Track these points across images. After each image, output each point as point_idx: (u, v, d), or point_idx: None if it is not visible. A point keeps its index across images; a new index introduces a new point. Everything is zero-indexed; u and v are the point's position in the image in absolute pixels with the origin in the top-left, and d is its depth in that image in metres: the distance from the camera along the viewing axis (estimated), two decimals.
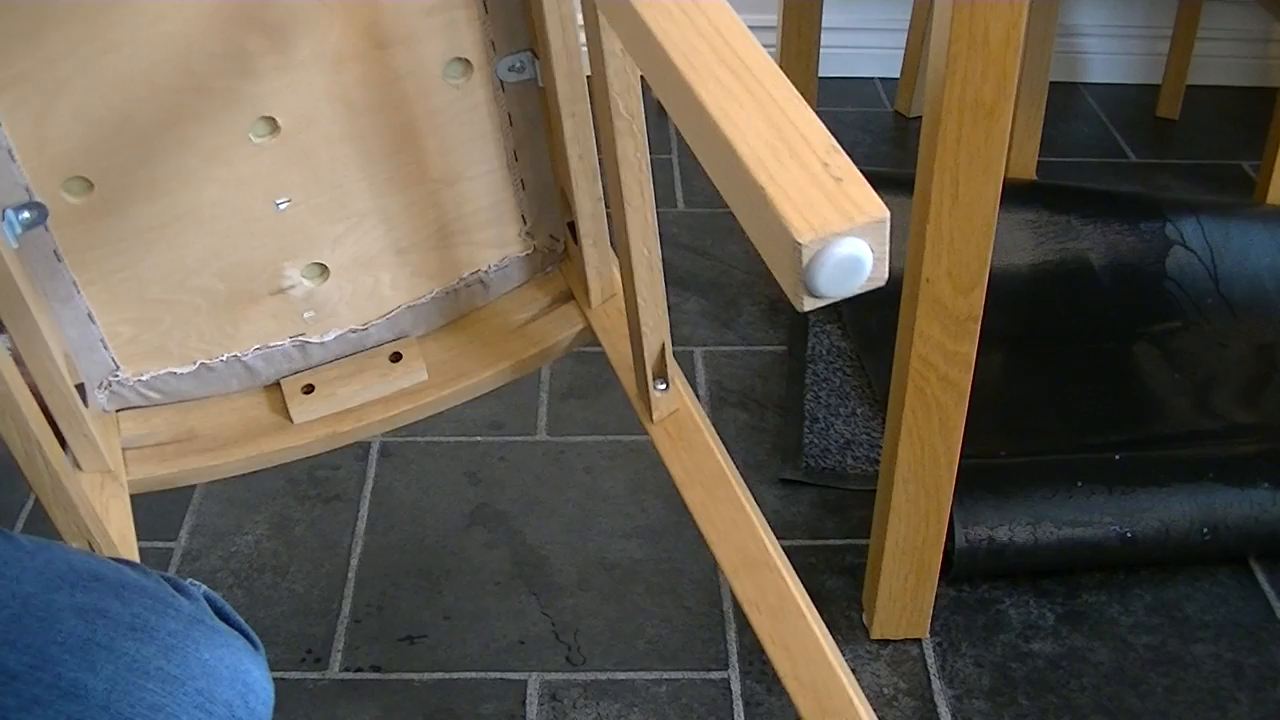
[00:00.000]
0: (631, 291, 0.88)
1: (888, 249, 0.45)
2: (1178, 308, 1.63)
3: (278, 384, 0.98)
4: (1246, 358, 1.57)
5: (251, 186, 0.88)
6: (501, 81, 0.93)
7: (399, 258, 0.96)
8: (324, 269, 0.94)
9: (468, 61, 0.91)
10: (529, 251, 1.02)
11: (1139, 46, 2.26)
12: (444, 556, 1.32)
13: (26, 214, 0.80)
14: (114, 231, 0.86)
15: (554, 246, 1.03)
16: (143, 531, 0.91)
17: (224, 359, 0.95)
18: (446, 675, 1.19)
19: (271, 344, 0.96)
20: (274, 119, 0.86)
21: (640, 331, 0.89)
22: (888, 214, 0.44)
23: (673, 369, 0.93)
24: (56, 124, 0.80)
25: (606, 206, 0.95)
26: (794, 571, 0.84)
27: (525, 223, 1.00)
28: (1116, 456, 1.32)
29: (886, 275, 0.45)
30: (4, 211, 0.80)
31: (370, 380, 0.97)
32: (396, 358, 0.99)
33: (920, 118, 0.98)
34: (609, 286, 1.01)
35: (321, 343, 0.97)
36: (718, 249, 1.81)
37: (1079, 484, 1.28)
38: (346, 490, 1.40)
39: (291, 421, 0.96)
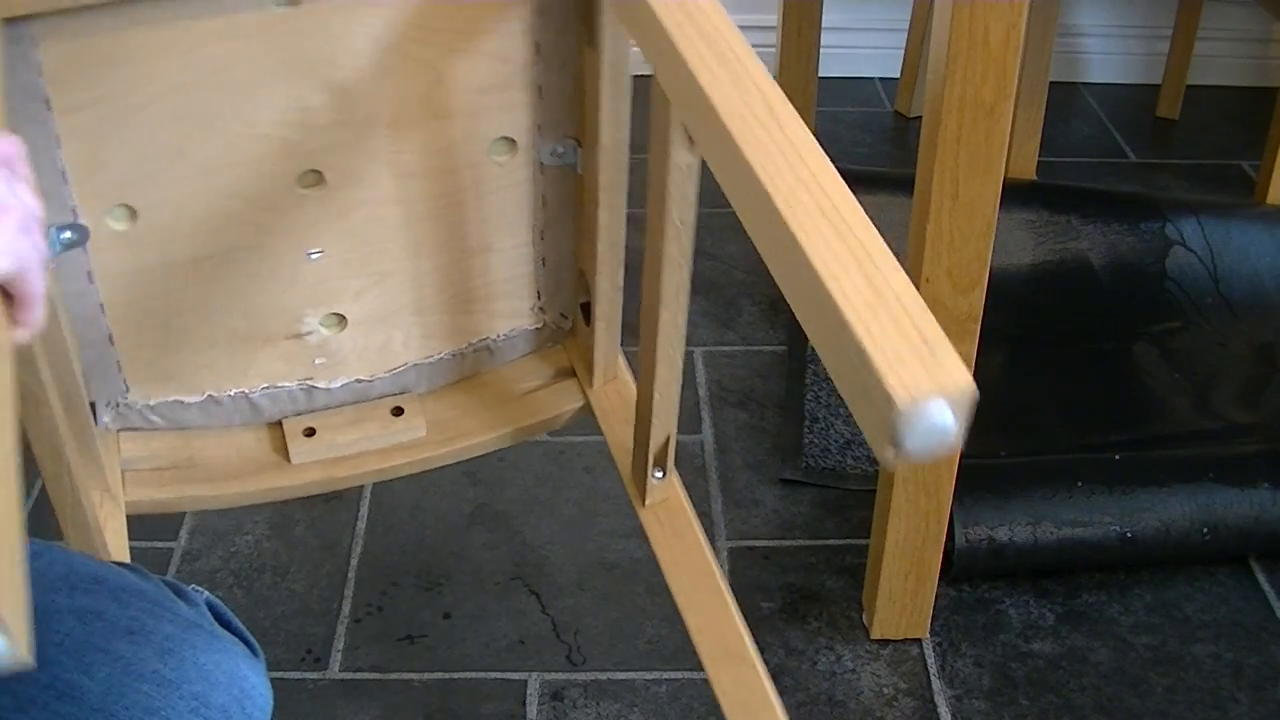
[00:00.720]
0: (648, 384, 0.89)
1: (969, 417, 0.48)
2: (1178, 308, 1.63)
3: (279, 423, 0.99)
4: (1246, 358, 1.57)
5: (288, 234, 0.89)
6: (542, 164, 0.94)
7: (415, 317, 0.98)
8: (342, 319, 0.96)
9: (513, 141, 0.92)
10: (539, 325, 1.04)
11: (1139, 46, 2.26)
12: (444, 556, 1.32)
13: (69, 234, 0.81)
14: (149, 261, 0.87)
15: (562, 324, 1.05)
16: (143, 532, 0.92)
17: (232, 394, 0.96)
18: (446, 675, 1.19)
19: (279, 384, 0.97)
20: (321, 172, 0.87)
21: (649, 421, 0.90)
22: (973, 385, 0.47)
23: (670, 460, 0.94)
24: (113, 152, 0.81)
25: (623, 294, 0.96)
26: (765, 666, 0.87)
27: (539, 298, 1.02)
28: (1116, 456, 1.32)
29: (964, 440, 0.47)
30: (48, 229, 0.81)
31: (370, 431, 0.99)
32: (398, 412, 1.00)
33: (920, 118, 0.98)
34: (611, 369, 1.03)
35: (328, 389, 0.99)
36: (718, 249, 1.81)
37: (1079, 484, 1.28)
38: (346, 490, 1.40)
39: (289, 461, 0.97)
